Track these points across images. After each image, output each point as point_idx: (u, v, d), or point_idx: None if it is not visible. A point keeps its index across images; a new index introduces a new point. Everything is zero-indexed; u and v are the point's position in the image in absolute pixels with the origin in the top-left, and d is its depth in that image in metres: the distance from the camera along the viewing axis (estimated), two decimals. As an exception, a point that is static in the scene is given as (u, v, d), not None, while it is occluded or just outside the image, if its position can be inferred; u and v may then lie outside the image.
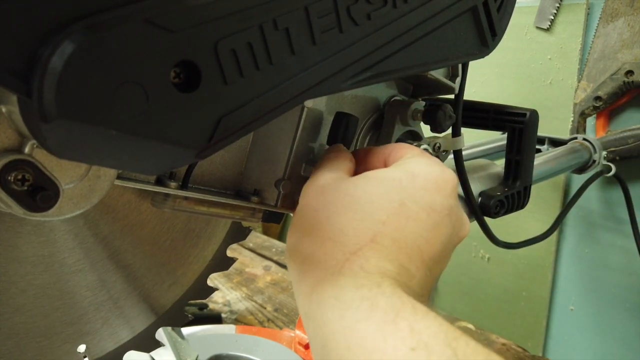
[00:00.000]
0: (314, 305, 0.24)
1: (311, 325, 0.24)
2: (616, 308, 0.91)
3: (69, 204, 0.28)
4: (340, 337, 0.22)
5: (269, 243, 1.21)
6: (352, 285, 0.24)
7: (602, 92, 0.87)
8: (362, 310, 0.23)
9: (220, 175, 0.39)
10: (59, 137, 0.20)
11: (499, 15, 0.42)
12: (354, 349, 0.22)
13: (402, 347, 0.21)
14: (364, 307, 0.23)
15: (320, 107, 0.40)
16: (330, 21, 0.29)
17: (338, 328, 0.23)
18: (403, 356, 0.21)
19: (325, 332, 0.23)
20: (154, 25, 0.22)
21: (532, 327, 1.04)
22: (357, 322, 0.22)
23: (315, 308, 0.24)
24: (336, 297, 0.24)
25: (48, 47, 0.19)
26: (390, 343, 0.21)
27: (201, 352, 0.57)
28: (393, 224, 0.27)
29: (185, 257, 0.44)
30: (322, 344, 0.23)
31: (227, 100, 0.25)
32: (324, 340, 0.23)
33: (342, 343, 0.22)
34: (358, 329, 0.22)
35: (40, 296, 0.35)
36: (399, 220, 0.27)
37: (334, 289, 0.24)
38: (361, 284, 0.24)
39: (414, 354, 0.21)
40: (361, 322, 0.22)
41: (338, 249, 0.26)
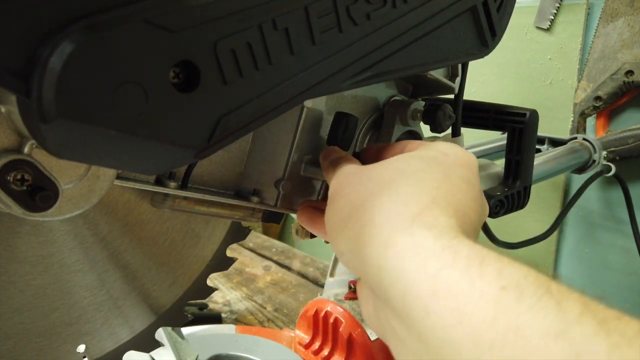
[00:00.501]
0: (392, 258, 0.24)
1: (387, 279, 0.23)
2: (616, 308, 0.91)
3: (68, 204, 0.28)
4: (424, 284, 0.22)
5: (269, 243, 1.21)
6: (430, 236, 0.24)
7: (602, 92, 0.87)
8: (445, 258, 0.22)
9: (219, 175, 0.39)
10: (58, 137, 0.20)
11: (498, 15, 0.42)
12: (440, 293, 0.21)
13: (491, 288, 0.20)
14: (447, 255, 0.22)
15: (320, 107, 0.40)
16: (330, 21, 0.29)
17: (421, 276, 0.22)
18: (493, 296, 0.20)
19: (406, 282, 0.22)
20: (154, 25, 0.22)
21: (532, 327, 1.04)
22: (441, 269, 0.22)
23: (393, 261, 0.23)
24: (416, 248, 0.23)
25: (47, 47, 0.19)
26: (478, 285, 0.21)
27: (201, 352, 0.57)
28: (443, 189, 0.28)
29: (184, 257, 0.44)
30: (402, 294, 0.22)
31: (227, 100, 0.25)
32: (404, 290, 0.22)
33: (425, 290, 0.22)
34: (442, 275, 0.22)
35: (39, 296, 0.35)
36: (447, 188, 0.28)
37: (412, 241, 0.24)
38: (439, 234, 0.24)
39: (505, 292, 0.20)
40: (445, 269, 0.22)
41: (402, 210, 0.26)
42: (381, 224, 0.26)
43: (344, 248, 0.28)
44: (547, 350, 0.18)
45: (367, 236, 0.26)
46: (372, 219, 0.26)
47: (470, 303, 0.20)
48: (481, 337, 0.19)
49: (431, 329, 0.21)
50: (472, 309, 0.20)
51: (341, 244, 0.28)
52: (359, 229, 0.27)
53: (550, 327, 0.18)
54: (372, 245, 0.25)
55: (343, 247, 0.28)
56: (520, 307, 0.19)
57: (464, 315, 0.20)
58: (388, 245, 0.24)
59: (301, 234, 0.49)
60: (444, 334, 0.21)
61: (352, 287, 0.60)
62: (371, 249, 0.25)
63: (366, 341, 0.56)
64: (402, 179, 0.28)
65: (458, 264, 0.22)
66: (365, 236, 0.26)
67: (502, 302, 0.20)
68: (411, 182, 0.28)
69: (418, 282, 0.22)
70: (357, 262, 0.27)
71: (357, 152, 0.46)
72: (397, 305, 0.23)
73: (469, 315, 0.20)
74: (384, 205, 0.27)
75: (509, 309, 0.19)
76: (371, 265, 0.25)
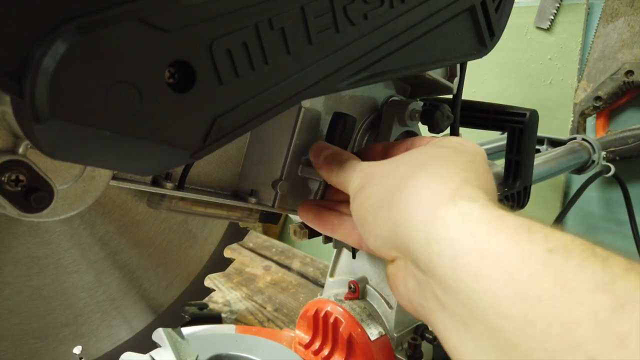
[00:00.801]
0: (440, 228, 0.24)
1: (435, 248, 0.24)
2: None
3: (64, 205, 0.28)
4: (473, 250, 0.22)
5: (269, 243, 1.21)
6: (475, 207, 0.25)
7: (602, 92, 0.87)
8: (492, 226, 0.23)
9: (217, 175, 0.38)
10: (52, 137, 0.20)
11: (497, 15, 0.42)
12: (489, 257, 0.22)
13: (539, 250, 0.21)
14: (494, 224, 0.23)
15: (318, 107, 0.40)
16: (327, 21, 0.29)
17: (469, 243, 0.23)
18: (540, 257, 0.21)
19: (455, 250, 0.23)
20: (148, 25, 0.21)
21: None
22: (489, 235, 0.23)
23: (441, 231, 0.24)
24: (463, 217, 0.24)
25: (40, 47, 0.19)
26: (527, 247, 0.21)
27: (201, 352, 0.57)
28: (473, 172, 0.29)
29: (181, 258, 0.44)
30: (451, 262, 0.23)
31: (222, 100, 0.25)
32: (454, 258, 0.23)
33: (475, 255, 0.22)
34: (491, 240, 0.22)
35: (35, 297, 0.35)
36: (475, 171, 0.29)
37: (458, 211, 0.25)
38: (483, 205, 0.25)
39: (552, 254, 0.21)
40: (493, 235, 0.23)
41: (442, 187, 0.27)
42: (424, 199, 0.26)
43: (383, 229, 0.29)
44: (593, 301, 0.18)
45: (411, 212, 0.26)
46: (413, 196, 0.27)
47: (519, 264, 0.21)
48: (528, 294, 0.20)
49: (480, 292, 0.22)
50: (521, 269, 0.21)
51: (379, 226, 0.29)
52: (400, 207, 0.27)
53: (596, 281, 0.19)
54: (417, 220, 0.26)
55: (381, 229, 0.29)
56: (568, 266, 0.20)
57: (511, 275, 0.21)
58: (435, 217, 0.25)
59: (300, 235, 0.49)
60: (492, 295, 0.21)
61: (352, 287, 0.59)
62: (417, 223, 0.26)
63: (366, 341, 0.56)
64: (434, 162, 0.29)
65: (506, 230, 0.23)
66: (408, 212, 0.27)
67: (550, 261, 0.20)
68: (444, 164, 0.29)
69: (467, 248, 0.23)
70: (397, 240, 0.27)
71: (357, 152, 0.46)
72: (445, 273, 0.23)
73: (517, 275, 0.21)
74: (423, 183, 0.28)
75: (556, 268, 0.20)
76: (417, 238, 0.25)
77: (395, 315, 0.57)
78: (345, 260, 0.63)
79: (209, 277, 0.48)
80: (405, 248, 0.27)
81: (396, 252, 0.28)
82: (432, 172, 0.28)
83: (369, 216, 0.30)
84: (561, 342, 0.18)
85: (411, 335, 0.58)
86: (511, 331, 0.20)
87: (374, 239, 0.30)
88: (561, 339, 0.18)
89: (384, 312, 0.58)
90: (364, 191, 0.31)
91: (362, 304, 0.59)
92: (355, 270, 0.62)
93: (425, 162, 0.30)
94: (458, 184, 0.27)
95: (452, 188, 0.26)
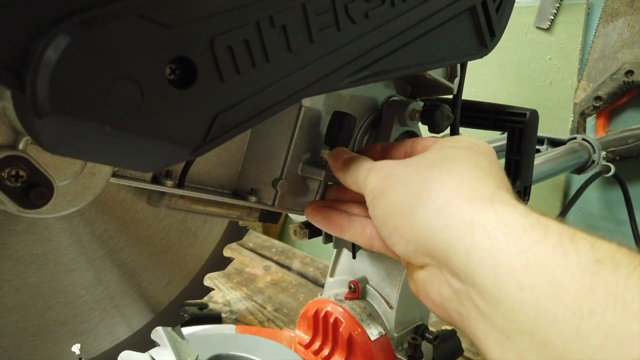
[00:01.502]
0: (481, 238, 0.24)
1: (475, 258, 0.24)
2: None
3: (64, 201, 0.28)
4: (516, 261, 0.22)
5: (269, 243, 1.21)
6: (516, 214, 0.24)
7: (602, 92, 0.87)
8: (536, 234, 0.22)
9: (217, 174, 0.38)
10: (52, 132, 0.20)
11: (497, 15, 0.42)
12: (533, 268, 0.21)
13: (586, 260, 0.20)
14: (538, 232, 0.23)
15: (318, 106, 0.40)
16: (328, 19, 0.29)
17: (513, 252, 0.22)
18: (588, 267, 0.20)
19: (498, 260, 0.23)
20: (150, 21, 0.21)
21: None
22: (534, 244, 0.22)
23: (483, 240, 0.24)
24: (505, 227, 0.23)
25: (42, 42, 0.19)
26: (573, 258, 0.21)
27: (201, 352, 0.57)
28: (497, 175, 0.28)
29: (181, 257, 0.44)
30: (494, 272, 0.23)
31: (223, 97, 0.25)
32: (496, 268, 0.23)
33: (518, 266, 0.22)
34: (535, 249, 0.22)
35: (34, 295, 0.35)
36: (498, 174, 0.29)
37: (499, 219, 0.24)
38: (524, 213, 0.24)
39: (600, 264, 0.20)
40: (537, 244, 0.22)
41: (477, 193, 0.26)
42: (460, 206, 0.26)
43: (413, 235, 0.28)
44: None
45: (447, 220, 0.26)
46: (447, 202, 0.26)
47: (566, 275, 0.20)
48: (579, 307, 0.19)
49: (525, 303, 0.21)
50: (569, 281, 0.20)
51: (409, 232, 0.28)
52: (434, 214, 0.27)
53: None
54: (456, 229, 0.25)
55: (412, 235, 0.28)
56: (618, 277, 0.19)
57: (560, 288, 0.20)
58: (475, 225, 0.24)
59: (300, 235, 0.49)
60: (538, 307, 0.21)
61: (352, 287, 0.59)
62: (455, 232, 0.25)
63: (366, 341, 0.55)
64: (459, 166, 0.29)
65: (550, 238, 0.22)
66: (444, 220, 0.26)
67: (599, 273, 0.20)
68: (470, 168, 0.28)
69: (511, 258, 0.22)
70: (432, 247, 0.27)
71: (356, 152, 0.46)
72: (487, 284, 0.23)
73: (565, 287, 0.20)
74: (453, 188, 0.27)
75: (606, 279, 0.20)
76: (456, 247, 0.25)
77: (396, 315, 0.57)
78: (345, 260, 0.63)
79: (209, 277, 0.47)
80: (442, 256, 0.26)
81: (430, 259, 0.28)
82: (460, 176, 0.28)
83: (396, 221, 0.29)
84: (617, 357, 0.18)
85: (411, 335, 0.58)
86: (561, 345, 0.20)
87: (405, 244, 0.29)
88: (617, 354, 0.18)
89: (384, 312, 0.58)
90: (385, 195, 0.30)
91: (362, 304, 0.59)
92: (355, 270, 0.62)
93: (449, 166, 0.29)
94: (492, 189, 0.26)
95: (487, 193, 0.26)
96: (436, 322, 0.86)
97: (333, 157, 0.38)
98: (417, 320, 0.61)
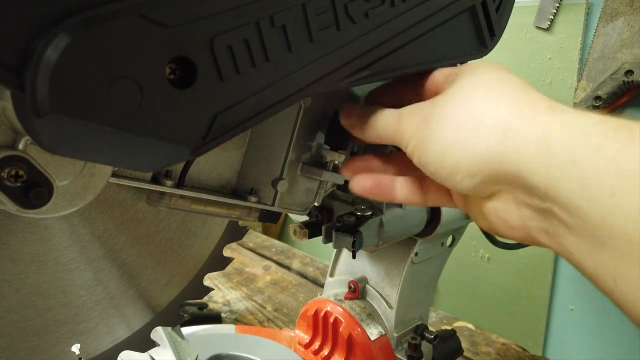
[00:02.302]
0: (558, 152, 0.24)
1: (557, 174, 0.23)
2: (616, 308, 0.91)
3: (64, 202, 0.28)
4: (605, 169, 0.22)
5: (269, 243, 1.21)
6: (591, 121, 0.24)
7: (602, 92, 0.87)
8: (622, 139, 0.22)
9: (217, 174, 0.38)
10: (52, 132, 0.20)
11: (497, 15, 0.42)
12: (626, 174, 0.21)
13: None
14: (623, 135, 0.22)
15: (318, 106, 0.40)
16: (328, 19, 0.29)
17: (599, 161, 0.22)
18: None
19: (585, 171, 0.22)
20: (150, 21, 0.21)
21: (532, 327, 1.03)
22: (621, 150, 0.22)
23: (561, 154, 0.23)
24: (583, 135, 0.23)
25: (42, 41, 0.19)
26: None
27: (201, 352, 0.57)
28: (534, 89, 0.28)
29: (181, 257, 0.44)
30: (580, 184, 0.22)
31: (223, 97, 0.25)
32: (583, 179, 0.22)
33: (609, 174, 0.22)
34: (623, 154, 0.22)
35: (34, 295, 0.35)
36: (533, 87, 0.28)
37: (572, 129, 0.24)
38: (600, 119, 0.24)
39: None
40: (626, 148, 0.22)
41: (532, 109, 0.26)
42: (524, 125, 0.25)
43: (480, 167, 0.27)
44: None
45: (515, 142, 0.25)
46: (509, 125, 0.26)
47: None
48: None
49: (620, 208, 0.21)
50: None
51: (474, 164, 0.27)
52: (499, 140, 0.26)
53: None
54: (526, 149, 0.25)
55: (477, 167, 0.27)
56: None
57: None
58: (548, 140, 0.24)
59: (300, 235, 0.49)
60: (635, 211, 0.20)
61: (352, 287, 0.59)
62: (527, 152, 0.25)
63: (366, 341, 0.55)
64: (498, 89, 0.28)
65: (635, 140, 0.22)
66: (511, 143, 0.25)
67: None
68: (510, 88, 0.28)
69: (598, 167, 0.22)
70: (502, 173, 0.26)
71: (355, 152, 0.46)
72: (574, 197, 0.23)
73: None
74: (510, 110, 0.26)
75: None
76: (532, 167, 0.24)
77: (396, 315, 0.57)
78: (345, 260, 0.63)
79: (209, 277, 0.47)
80: (516, 179, 0.26)
81: (500, 185, 0.27)
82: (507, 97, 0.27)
83: (455, 158, 0.28)
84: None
85: (411, 335, 0.58)
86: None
87: (471, 178, 0.28)
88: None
89: (384, 312, 0.58)
90: (432, 137, 0.29)
91: (362, 304, 0.59)
92: (355, 270, 0.62)
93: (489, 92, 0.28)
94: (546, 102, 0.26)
95: (545, 106, 0.25)
96: (436, 322, 0.86)
97: (346, 115, 0.36)
98: (417, 320, 0.61)
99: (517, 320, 1.06)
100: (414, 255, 0.56)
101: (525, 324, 1.04)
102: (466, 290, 1.13)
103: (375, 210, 0.49)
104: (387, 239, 0.49)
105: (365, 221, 0.47)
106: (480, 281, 1.10)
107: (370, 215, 0.47)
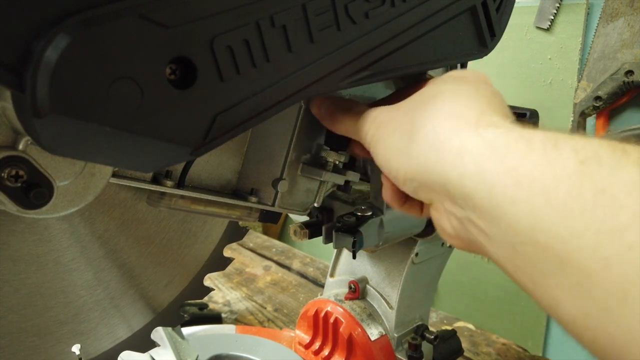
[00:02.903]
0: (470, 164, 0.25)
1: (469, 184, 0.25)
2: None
3: (64, 202, 0.28)
4: (506, 178, 0.23)
5: (269, 243, 1.21)
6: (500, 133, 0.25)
7: (602, 92, 0.87)
8: (520, 149, 0.24)
9: (217, 174, 0.38)
10: (52, 132, 0.20)
11: (497, 15, 0.42)
12: (523, 181, 0.22)
13: (570, 164, 0.21)
14: (521, 145, 0.24)
15: (318, 105, 0.40)
16: (328, 19, 0.29)
17: (502, 171, 0.23)
18: (574, 170, 0.21)
19: (489, 181, 0.24)
20: (149, 21, 0.21)
21: (532, 327, 1.03)
22: (520, 159, 0.23)
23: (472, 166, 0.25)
24: (490, 149, 0.25)
25: (42, 41, 0.19)
26: (558, 164, 0.22)
27: (201, 352, 0.57)
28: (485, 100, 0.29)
29: (181, 257, 0.44)
30: (488, 194, 0.24)
31: (223, 97, 0.25)
32: (489, 189, 0.24)
33: (510, 182, 0.23)
34: (522, 164, 0.23)
35: (34, 295, 0.35)
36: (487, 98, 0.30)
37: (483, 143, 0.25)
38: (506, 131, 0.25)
39: (584, 166, 0.21)
40: (523, 158, 0.23)
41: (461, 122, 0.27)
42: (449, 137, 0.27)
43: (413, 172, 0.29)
44: (635, 202, 0.19)
45: (439, 153, 0.27)
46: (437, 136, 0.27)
47: (554, 182, 0.21)
48: (570, 209, 0.20)
49: (521, 215, 0.22)
50: (557, 186, 0.21)
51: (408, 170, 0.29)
52: (426, 149, 0.28)
53: (634, 182, 0.19)
54: (447, 160, 0.26)
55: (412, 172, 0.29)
56: (602, 173, 0.20)
57: (549, 195, 0.21)
58: (463, 154, 0.26)
59: (299, 235, 0.49)
60: (534, 217, 0.22)
61: (352, 287, 0.59)
62: (447, 163, 0.26)
63: (366, 341, 0.55)
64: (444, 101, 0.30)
65: (534, 150, 0.23)
66: (437, 153, 0.27)
67: (584, 173, 0.21)
68: (455, 100, 0.29)
69: (500, 177, 0.23)
70: (431, 181, 0.28)
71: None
72: (484, 205, 0.24)
73: (554, 193, 0.21)
74: (440, 122, 0.28)
75: (591, 178, 0.21)
76: (451, 178, 0.26)
77: (396, 315, 0.57)
78: (345, 260, 0.63)
79: (209, 277, 0.47)
80: (441, 188, 0.27)
81: (432, 193, 0.29)
82: (448, 110, 0.29)
83: (396, 163, 0.30)
84: (613, 248, 0.19)
85: (411, 335, 0.58)
86: (560, 247, 0.20)
87: (410, 182, 0.30)
88: (612, 245, 0.19)
89: (384, 312, 0.58)
90: (381, 142, 0.31)
91: (363, 304, 0.59)
92: (355, 270, 0.62)
93: (435, 101, 0.30)
94: (476, 116, 0.27)
95: (472, 120, 0.27)
96: (436, 322, 0.86)
97: (316, 105, 0.38)
98: (417, 320, 0.61)
99: (517, 320, 1.06)
100: (414, 255, 0.56)
101: (525, 324, 1.04)
102: (466, 290, 1.13)
103: (375, 210, 0.49)
104: (387, 239, 0.49)
105: (365, 221, 0.47)
106: (480, 281, 1.10)
107: (370, 215, 0.47)
